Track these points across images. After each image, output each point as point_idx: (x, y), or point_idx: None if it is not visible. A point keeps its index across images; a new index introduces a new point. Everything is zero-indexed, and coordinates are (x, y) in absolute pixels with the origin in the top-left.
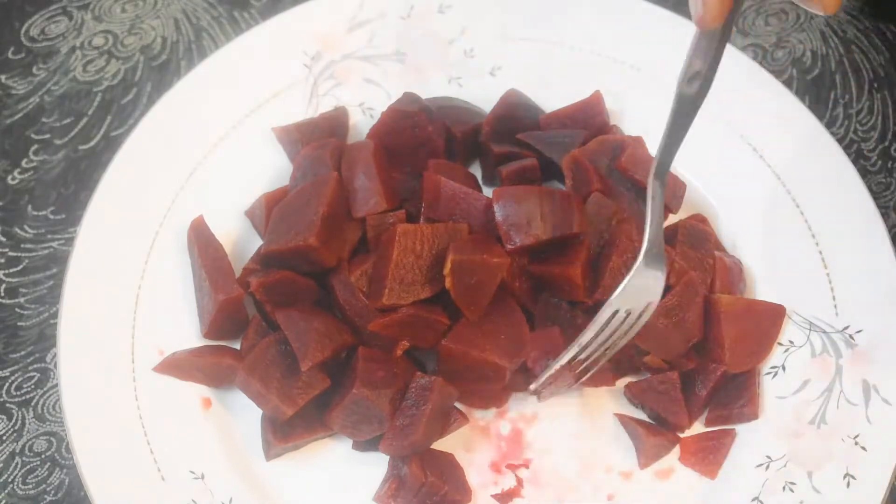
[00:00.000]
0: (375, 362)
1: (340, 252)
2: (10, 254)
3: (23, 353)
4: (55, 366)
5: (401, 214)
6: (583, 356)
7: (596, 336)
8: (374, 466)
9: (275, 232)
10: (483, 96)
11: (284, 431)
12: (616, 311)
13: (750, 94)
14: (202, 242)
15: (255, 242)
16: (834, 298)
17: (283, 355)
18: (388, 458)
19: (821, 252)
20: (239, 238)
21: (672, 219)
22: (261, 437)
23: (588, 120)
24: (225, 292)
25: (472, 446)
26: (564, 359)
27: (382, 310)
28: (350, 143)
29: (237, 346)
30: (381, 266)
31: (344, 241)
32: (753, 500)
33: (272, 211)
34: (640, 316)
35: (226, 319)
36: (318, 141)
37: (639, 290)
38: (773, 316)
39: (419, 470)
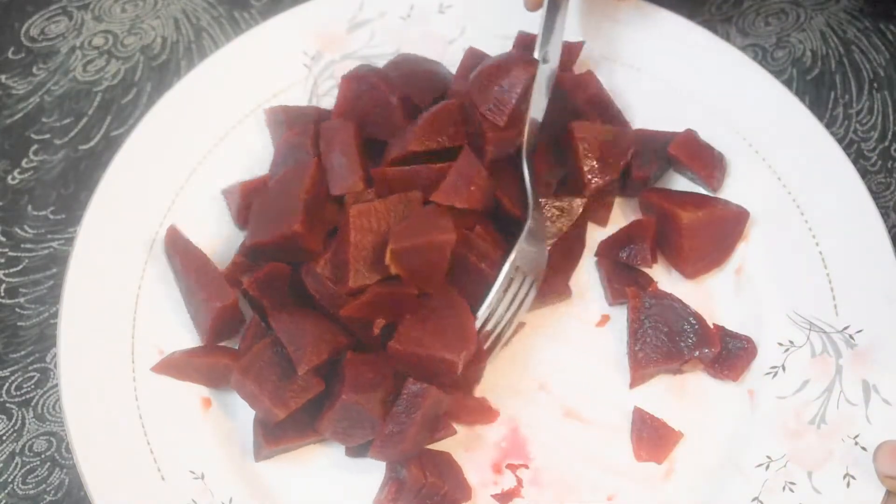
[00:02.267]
0: (363, 366)
1: (325, 236)
2: (10, 254)
3: (23, 353)
4: (55, 366)
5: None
6: (491, 325)
7: (503, 296)
8: (374, 466)
9: (257, 223)
10: None
11: (275, 434)
12: (517, 269)
13: (750, 94)
14: (182, 251)
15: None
16: (834, 298)
17: (278, 357)
18: None
19: (821, 252)
20: (237, 239)
21: None
22: (252, 438)
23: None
24: (221, 299)
25: (473, 446)
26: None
27: (353, 293)
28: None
29: (235, 344)
30: (342, 250)
31: (326, 224)
32: (753, 500)
33: (252, 203)
34: (530, 287)
35: (223, 324)
36: (300, 127)
37: (528, 258)
38: (735, 221)
39: (419, 471)
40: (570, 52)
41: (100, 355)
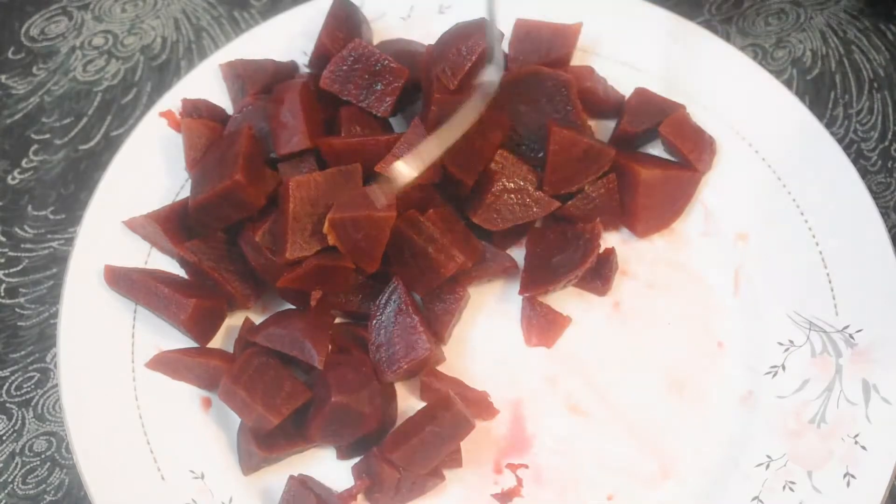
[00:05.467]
0: (343, 368)
1: (267, 191)
2: (10, 254)
3: (23, 353)
4: (55, 366)
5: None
6: None
7: None
8: None
9: (199, 184)
10: None
11: (267, 442)
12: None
13: (750, 94)
14: (125, 285)
15: None
16: (834, 298)
17: (266, 366)
18: None
19: (821, 252)
20: None
21: None
22: (238, 451)
23: (555, 44)
24: (182, 313)
25: (473, 446)
26: None
27: (291, 264)
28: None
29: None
30: (281, 221)
31: (267, 184)
32: (753, 499)
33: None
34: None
35: (200, 327)
36: (259, 93)
37: None
38: (688, 182)
39: (391, 467)
40: (567, 35)
41: (100, 355)
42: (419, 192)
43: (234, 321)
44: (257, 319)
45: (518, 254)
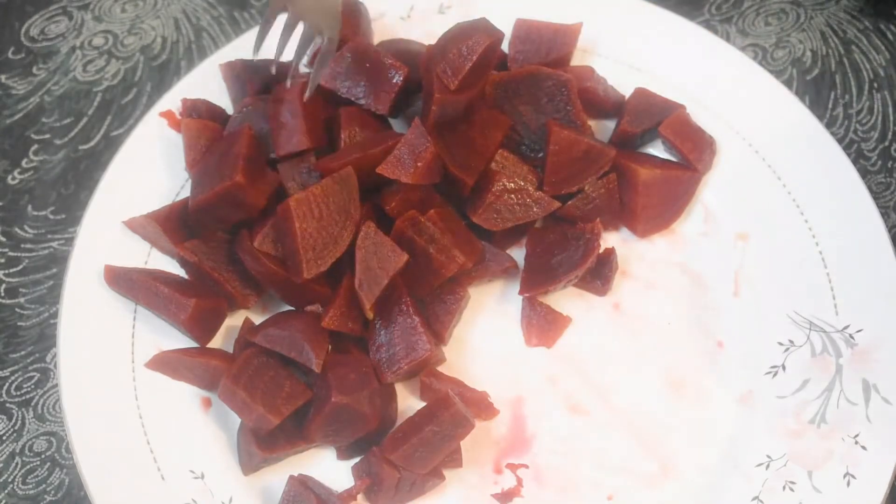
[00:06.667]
0: (344, 367)
1: (267, 192)
2: (10, 254)
3: (23, 353)
4: (55, 366)
5: (311, 159)
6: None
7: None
8: None
9: (199, 185)
10: None
11: (268, 442)
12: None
13: (750, 94)
14: (126, 286)
15: None
16: (834, 298)
17: (265, 366)
18: None
19: (821, 252)
20: None
21: None
22: (238, 451)
23: (555, 44)
24: (182, 313)
25: (473, 446)
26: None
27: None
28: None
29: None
30: (289, 241)
31: (268, 185)
32: (753, 499)
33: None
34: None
35: (201, 327)
36: (259, 93)
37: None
38: (688, 182)
39: (391, 467)
40: (567, 35)
41: (100, 355)
42: (419, 192)
43: (234, 321)
44: (257, 319)
45: (518, 254)
